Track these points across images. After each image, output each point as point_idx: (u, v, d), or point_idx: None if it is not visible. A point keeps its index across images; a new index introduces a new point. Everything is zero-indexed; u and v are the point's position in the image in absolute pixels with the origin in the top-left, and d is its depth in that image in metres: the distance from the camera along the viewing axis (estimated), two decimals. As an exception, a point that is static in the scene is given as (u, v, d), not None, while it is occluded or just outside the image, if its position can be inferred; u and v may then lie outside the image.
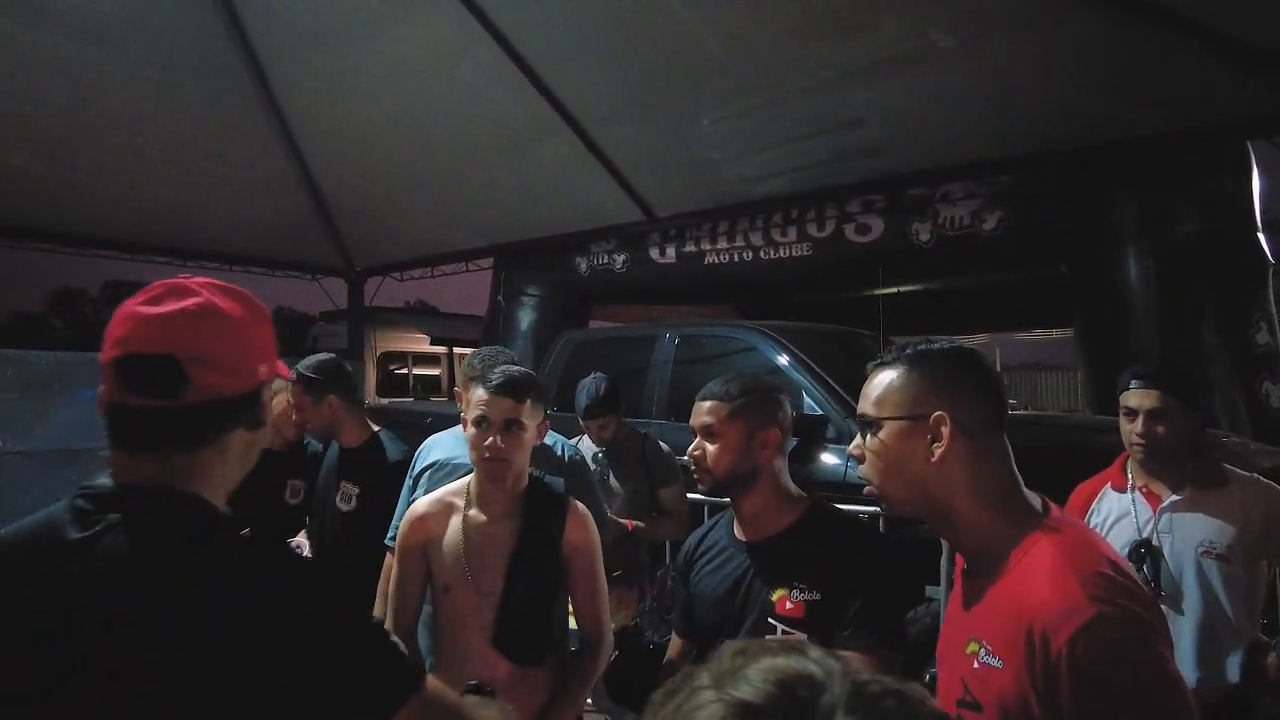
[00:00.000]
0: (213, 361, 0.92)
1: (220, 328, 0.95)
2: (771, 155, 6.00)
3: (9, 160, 7.07)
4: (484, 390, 1.78)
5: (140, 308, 0.91)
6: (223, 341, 0.94)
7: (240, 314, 0.98)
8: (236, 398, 0.95)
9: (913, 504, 1.15)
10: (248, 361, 0.97)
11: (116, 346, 0.90)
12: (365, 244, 9.60)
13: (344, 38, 6.28)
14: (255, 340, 1.00)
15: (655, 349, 4.68)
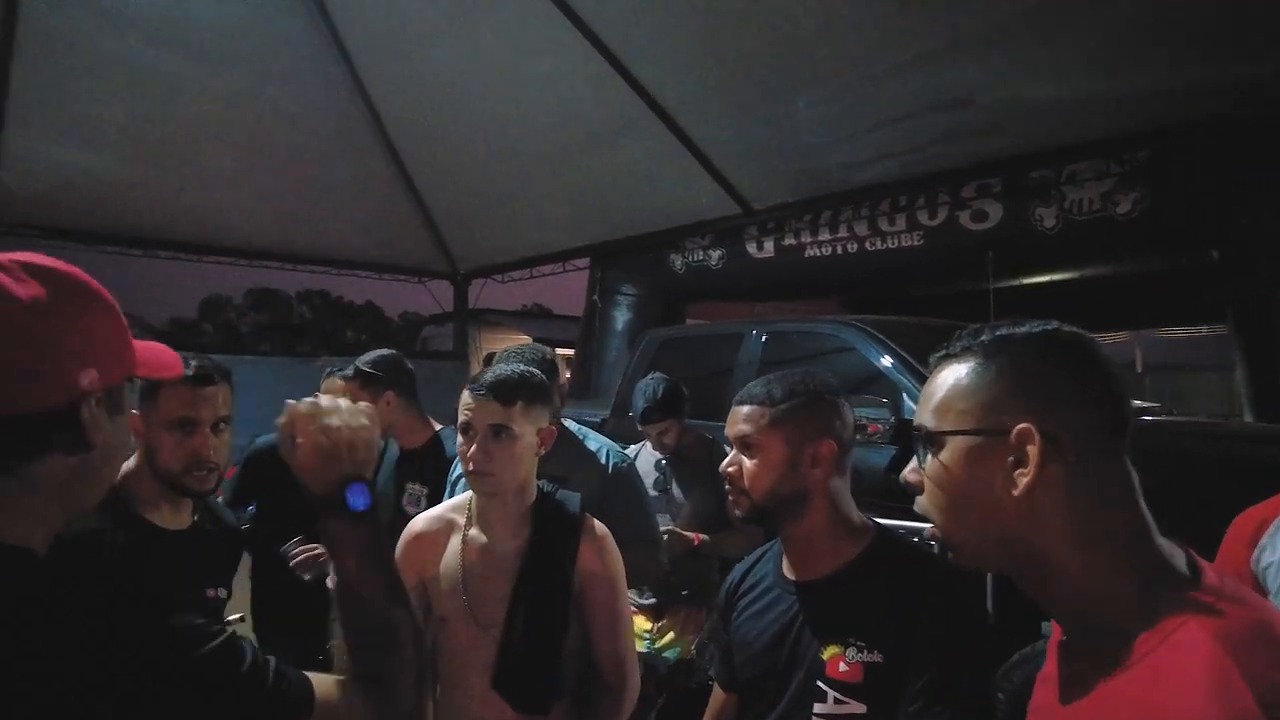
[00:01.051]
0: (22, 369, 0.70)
1: (5, 322, 0.70)
2: (875, 138, 5.56)
3: (148, 177, 7.52)
4: (468, 393, 1.55)
5: None
6: (7, 340, 0.70)
7: (43, 303, 0.72)
8: (37, 415, 0.72)
9: (988, 553, 0.82)
10: (52, 367, 0.73)
11: None
12: (468, 247, 9.71)
13: (434, 41, 6.31)
14: (66, 338, 0.74)
15: (741, 347, 4.34)
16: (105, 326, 0.79)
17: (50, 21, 5.91)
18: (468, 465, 1.52)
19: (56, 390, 0.73)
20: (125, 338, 0.82)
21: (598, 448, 2.20)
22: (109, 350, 0.79)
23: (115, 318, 0.80)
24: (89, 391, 0.74)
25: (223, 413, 1.62)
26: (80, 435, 0.75)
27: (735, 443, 1.36)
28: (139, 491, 1.58)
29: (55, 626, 0.66)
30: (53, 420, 0.73)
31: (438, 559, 1.59)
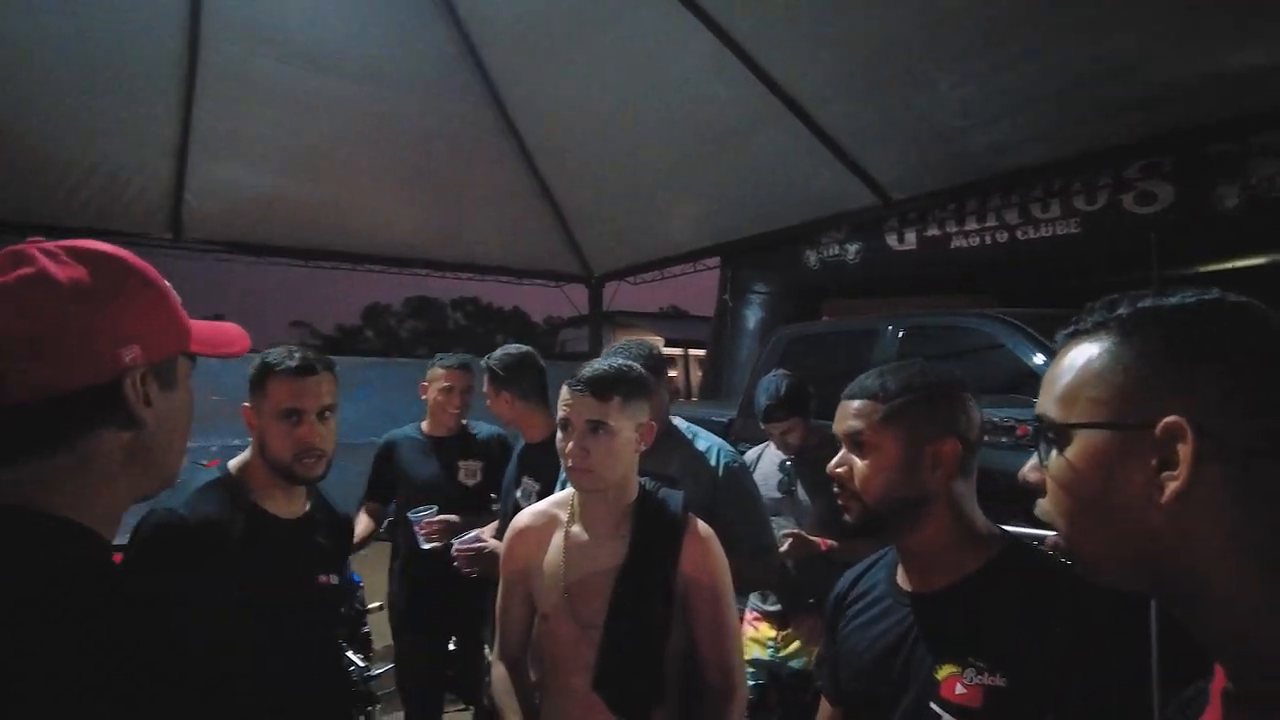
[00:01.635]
0: (35, 349, 0.71)
1: (48, 304, 0.73)
2: (1026, 118, 5.14)
3: (313, 194, 8.15)
4: (566, 388, 1.53)
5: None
6: (50, 321, 0.73)
7: (84, 284, 0.74)
8: (83, 391, 0.74)
9: (1122, 570, 0.68)
10: (94, 345, 0.75)
11: None
12: (601, 250, 9.86)
13: (563, 46, 6.42)
14: (106, 317, 0.76)
15: (877, 344, 4.13)
16: (148, 303, 0.80)
17: (226, 56, 6.47)
18: (566, 461, 1.50)
19: (100, 367, 0.75)
20: (173, 314, 0.83)
21: (707, 447, 2.12)
22: (153, 326, 0.80)
23: (161, 295, 0.82)
24: (132, 367, 0.76)
25: (326, 401, 1.68)
26: (127, 410, 0.76)
27: (845, 441, 1.26)
28: (254, 482, 1.65)
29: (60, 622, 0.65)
30: (99, 397, 0.75)
31: (541, 554, 1.58)
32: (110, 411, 0.76)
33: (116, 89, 6.56)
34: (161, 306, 0.82)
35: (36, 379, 0.72)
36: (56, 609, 0.65)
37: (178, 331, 0.83)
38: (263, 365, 1.68)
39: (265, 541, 1.60)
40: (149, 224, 8.01)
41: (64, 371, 0.73)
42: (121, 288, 0.78)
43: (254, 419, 1.67)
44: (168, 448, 0.84)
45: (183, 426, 0.86)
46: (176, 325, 0.83)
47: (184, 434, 0.86)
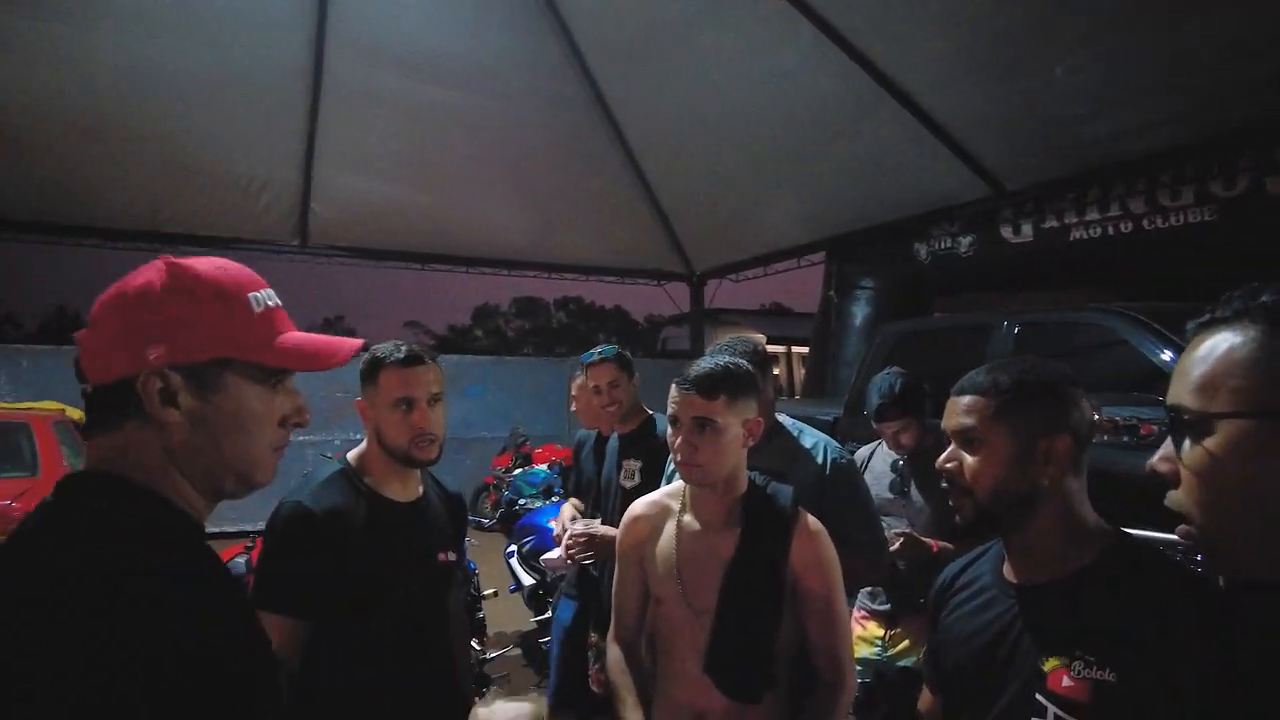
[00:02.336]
0: (97, 342, 0.82)
1: (117, 306, 0.83)
2: (1152, 101, 4.87)
3: (428, 200, 8.55)
4: (675, 387, 1.57)
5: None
6: (109, 321, 0.83)
7: (148, 290, 0.83)
8: (115, 385, 0.82)
9: (1263, 563, 0.68)
10: (128, 339, 0.82)
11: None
12: (703, 248, 9.91)
13: (666, 51, 6.50)
14: (146, 320, 0.82)
15: (990, 341, 3.98)
16: (202, 312, 0.84)
17: (349, 72, 6.87)
18: (676, 456, 1.55)
19: (127, 364, 0.81)
20: (222, 324, 0.85)
21: (813, 443, 2.13)
22: (200, 331, 0.83)
23: (223, 305, 0.86)
24: (153, 366, 0.81)
25: (434, 389, 1.78)
26: (145, 405, 0.81)
27: (954, 437, 1.25)
28: (372, 470, 1.76)
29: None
30: (121, 388, 0.82)
31: (654, 542, 1.64)
32: (132, 403, 0.82)
33: (250, 108, 7.07)
34: (204, 313, 0.84)
35: (94, 367, 0.83)
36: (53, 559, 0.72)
37: (227, 339, 0.85)
38: (373, 360, 1.77)
39: (386, 525, 1.71)
40: (278, 232, 8.60)
41: (104, 367, 0.82)
42: (178, 297, 0.83)
43: (368, 411, 1.78)
44: (223, 447, 0.86)
45: (239, 429, 0.87)
46: (224, 332, 0.85)
47: (239, 440, 0.87)
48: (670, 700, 1.61)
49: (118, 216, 7.87)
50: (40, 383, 7.22)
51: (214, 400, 0.85)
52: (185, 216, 8.04)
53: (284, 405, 0.92)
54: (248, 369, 0.87)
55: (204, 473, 0.86)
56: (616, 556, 1.74)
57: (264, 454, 0.90)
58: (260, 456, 0.90)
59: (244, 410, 0.87)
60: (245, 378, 0.87)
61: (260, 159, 7.65)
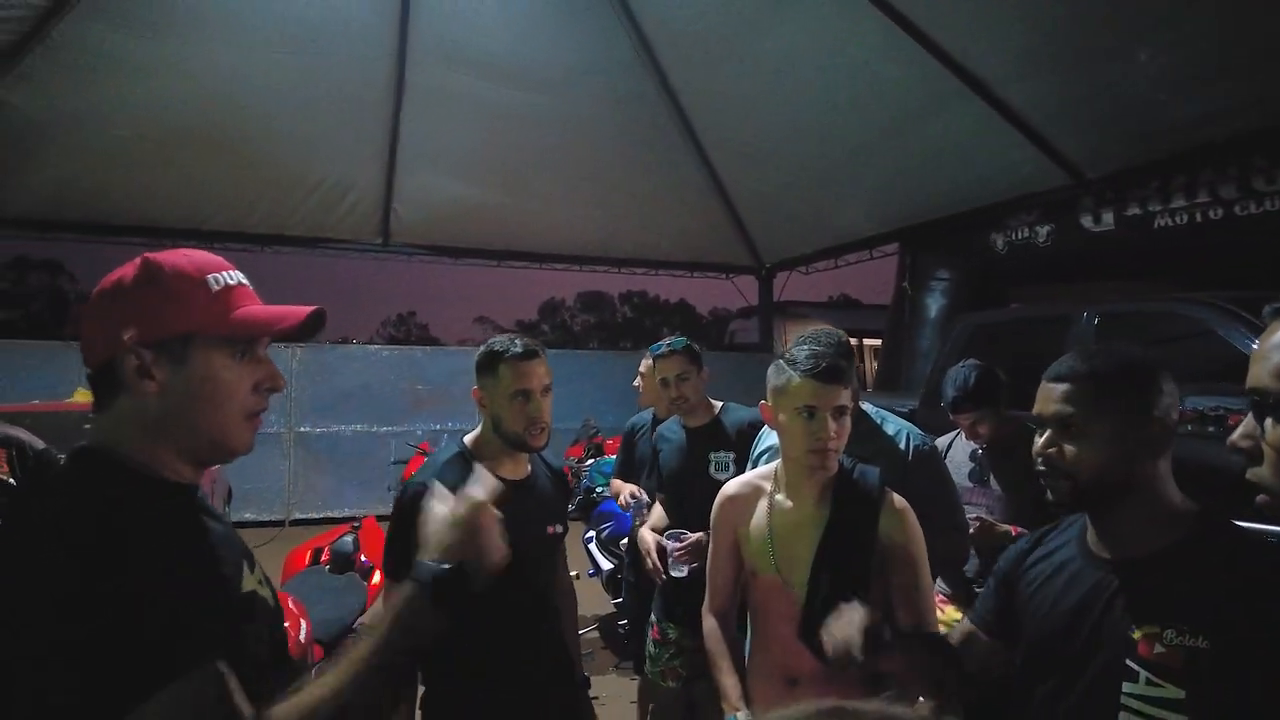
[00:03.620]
0: (87, 332, 0.96)
1: (97, 298, 0.96)
2: (1240, 82, 4.72)
3: (502, 199, 8.81)
4: (807, 378, 1.62)
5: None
6: (94, 307, 0.96)
7: (119, 283, 0.95)
8: (101, 363, 0.95)
9: None
10: (107, 325, 0.94)
11: None
12: (773, 240, 9.93)
13: (738, 45, 6.55)
14: (116, 308, 0.94)
15: (1070, 333, 3.95)
16: (165, 294, 0.95)
17: (430, 75, 7.14)
18: (822, 444, 1.62)
19: (109, 346, 0.93)
20: (181, 302, 0.95)
21: (896, 430, 2.21)
22: (161, 311, 0.94)
23: (184, 287, 0.96)
24: (125, 346, 0.92)
25: (546, 381, 1.92)
26: (126, 380, 0.93)
27: (1050, 422, 1.28)
28: (487, 452, 1.91)
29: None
30: (107, 367, 0.94)
31: (748, 519, 1.76)
32: (120, 380, 0.94)
33: (336, 115, 7.41)
34: (167, 295, 0.95)
35: (86, 353, 0.96)
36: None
37: (186, 316, 0.95)
38: (492, 353, 1.90)
39: (500, 502, 1.87)
40: (362, 231, 8.98)
41: (92, 351, 0.95)
42: (142, 283, 0.95)
43: (484, 399, 1.93)
44: (190, 419, 0.96)
45: (200, 400, 0.96)
46: (185, 310, 0.95)
47: (208, 409, 0.97)
48: (764, 665, 1.73)
49: (211, 219, 8.36)
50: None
51: (183, 371, 0.95)
52: (275, 219, 8.48)
53: (255, 373, 1.01)
54: (211, 341, 0.96)
55: (182, 438, 0.96)
56: (711, 535, 1.86)
57: (235, 420, 0.99)
58: (230, 422, 0.99)
59: (212, 378, 0.97)
60: (211, 349, 0.96)
61: (346, 163, 8.02)
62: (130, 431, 0.95)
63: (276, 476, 8.47)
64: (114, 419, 0.95)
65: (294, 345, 8.51)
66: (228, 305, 0.99)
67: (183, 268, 0.98)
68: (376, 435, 8.90)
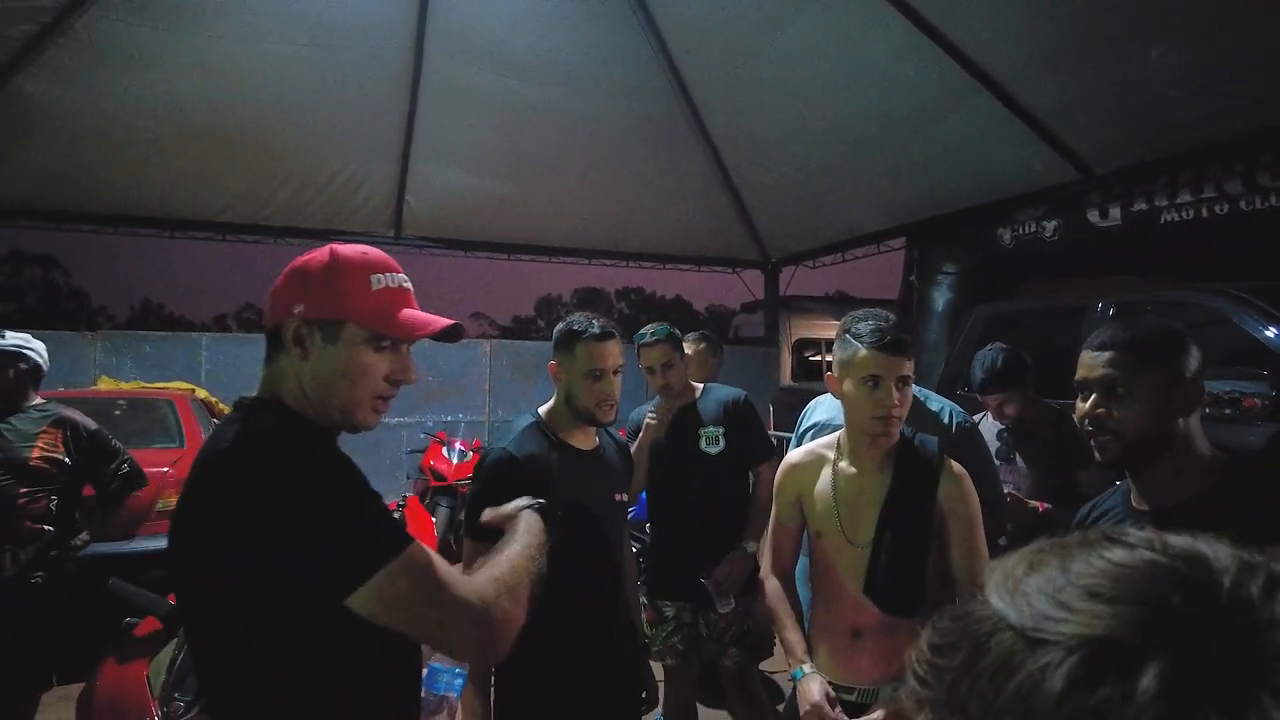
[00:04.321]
0: (273, 298, 1.17)
1: (288, 274, 1.17)
2: (1252, 81, 4.84)
3: (514, 192, 8.88)
4: (874, 350, 1.73)
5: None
6: (285, 278, 1.17)
7: (313, 261, 1.17)
8: (274, 326, 1.16)
9: None
10: (284, 299, 1.15)
11: None
12: (780, 235, 10.03)
13: (753, 40, 6.63)
14: (296, 285, 1.16)
15: (1085, 323, 4.07)
16: (324, 279, 1.15)
17: (446, 70, 7.21)
18: (885, 412, 1.73)
19: (283, 314, 1.15)
20: (344, 292, 1.14)
21: (939, 408, 2.33)
22: (327, 297, 1.14)
23: (351, 280, 1.15)
24: (294, 316, 1.13)
25: (619, 362, 2.03)
26: (290, 346, 1.14)
27: (1096, 386, 1.40)
28: (560, 423, 2.04)
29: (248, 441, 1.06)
30: (278, 333, 1.15)
31: (812, 485, 1.88)
32: (282, 343, 1.15)
33: (352, 107, 7.47)
34: (334, 284, 1.14)
35: (267, 313, 1.18)
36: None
37: (344, 305, 1.14)
38: (570, 332, 2.02)
39: (576, 469, 1.98)
40: (375, 224, 9.05)
41: (272, 314, 1.17)
42: (318, 267, 1.16)
43: (559, 374, 2.04)
44: (326, 389, 1.15)
45: (339, 376, 1.14)
46: (344, 300, 1.14)
47: (342, 385, 1.15)
48: (828, 620, 1.84)
49: (225, 211, 8.43)
50: (162, 365, 7.78)
51: (332, 349, 1.14)
52: (289, 211, 8.55)
53: (391, 364, 1.18)
54: (360, 331, 1.14)
55: (318, 404, 1.15)
56: (774, 500, 1.97)
57: (364, 400, 1.17)
58: (361, 400, 1.16)
59: (353, 360, 1.14)
60: (358, 336, 1.14)
61: (361, 157, 8.09)
62: (287, 385, 1.16)
63: (290, 466, 8.54)
64: (275, 373, 1.16)
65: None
66: (384, 303, 1.16)
67: (355, 264, 1.17)
68: (388, 426, 8.95)
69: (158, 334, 8.39)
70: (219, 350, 8.20)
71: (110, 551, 4.41)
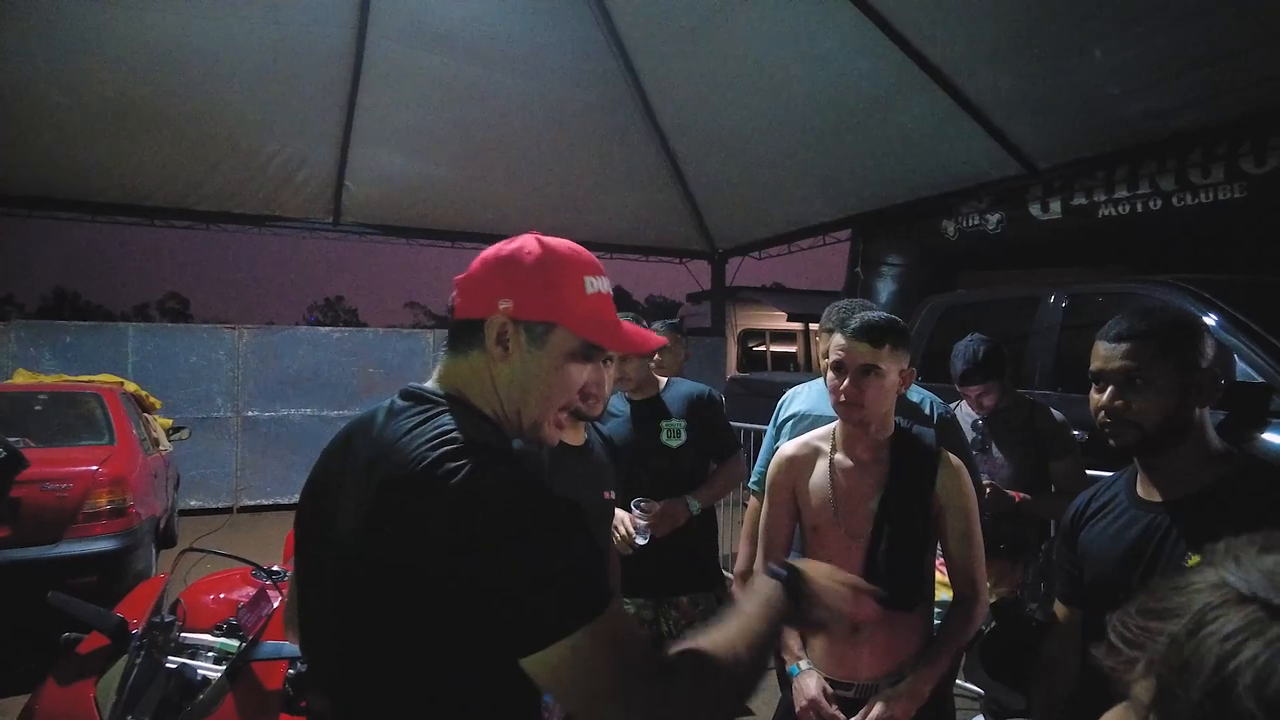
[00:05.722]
0: (471, 288, 1.03)
1: (492, 264, 1.03)
2: (1188, 81, 5.03)
3: (458, 178, 8.67)
4: (841, 335, 1.74)
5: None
6: (483, 275, 1.03)
7: (525, 253, 1.01)
8: (465, 321, 1.03)
9: None
10: (488, 291, 1.01)
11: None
12: (727, 226, 10.05)
13: (704, 28, 6.60)
14: (513, 276, 1.01)
15: (1038, 312, 4.17)
16: (550, 280, 1.01)
17: (390, 51, 6.98)
18: (839, 397, 1.73)
19: (485, 308, 1.01)
20: (557, 294, 1.01)
21: (920, 398, 2.33)
22: (541, 295, 1.01)
23: (550, 276, 1.01)
24: (500, 313, 1.00)
25: (607, 353, 1.96)
26: (486, 341, 1.01)
27: (1114, 377, 1.39)
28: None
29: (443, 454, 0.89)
30: (471, 326, 1.02)
31: (807, 477, 1.84)
32: (481, 338, 1.01)
33: (291, 87, 7.18)
34: (549, 283, 1.01)
35: (461, 304, 1.04)
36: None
37: (555, 307, 1.01)
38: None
39: (566, 464, 1.91)
40: (312, 209, 8.74)
41: (473, 307, 1.02)
42: (528, 259, 1.01)
43: None
44: (526, 393, 1.03)
45: (540, 382, 1.03)
46: (559, 302, 1.01)
47: (542, 389, 1.03)
48: (825, 616, 1.81)
49: (154, 194, 8.02)
50: (85, 357, 7.37)
51: (538, 353, 1.02)
52: (221, 194, 8.18)
53: (589, 376, 1.08)
54: (570, 338, 1.02)
55: (509, 407, 1.04)
56: (768, 493, 1.93)
57: (555, 410, 1.06)
58: (551, 411, 1.06)
59: (560, 369, 1.03)
60: (568, 344, 1.02)
61: (299, 138, 7.78)
62: (476, 383, 1.03)
63: (224, 462, 8.20)
64: (466, 368, 1.03)
65: (240, 327, 8.32)
66: (595, 309, 1.04)
67: (570, 262, 1.03)
68: (327, 419, 8.68)
69: (80, 324, 7.93)
70: (147, 341, 7.79)
71: (33, 557, 4.15)
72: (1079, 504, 1.62)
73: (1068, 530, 1.60)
